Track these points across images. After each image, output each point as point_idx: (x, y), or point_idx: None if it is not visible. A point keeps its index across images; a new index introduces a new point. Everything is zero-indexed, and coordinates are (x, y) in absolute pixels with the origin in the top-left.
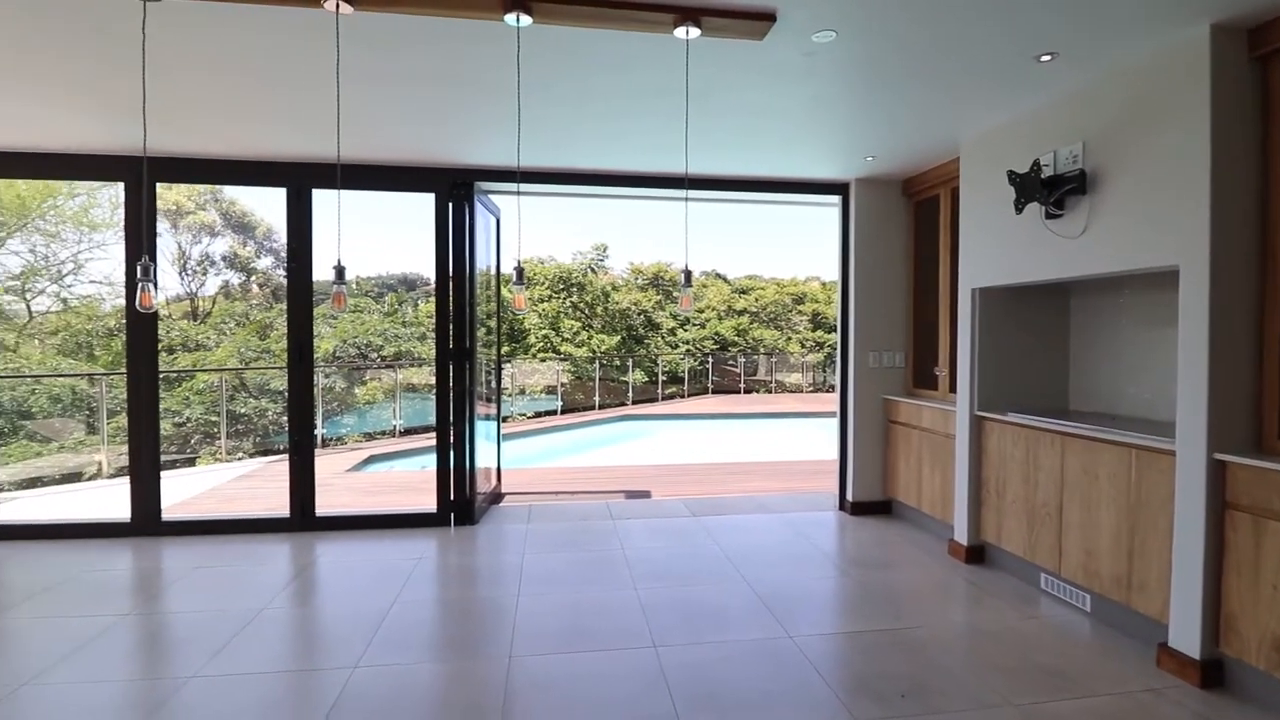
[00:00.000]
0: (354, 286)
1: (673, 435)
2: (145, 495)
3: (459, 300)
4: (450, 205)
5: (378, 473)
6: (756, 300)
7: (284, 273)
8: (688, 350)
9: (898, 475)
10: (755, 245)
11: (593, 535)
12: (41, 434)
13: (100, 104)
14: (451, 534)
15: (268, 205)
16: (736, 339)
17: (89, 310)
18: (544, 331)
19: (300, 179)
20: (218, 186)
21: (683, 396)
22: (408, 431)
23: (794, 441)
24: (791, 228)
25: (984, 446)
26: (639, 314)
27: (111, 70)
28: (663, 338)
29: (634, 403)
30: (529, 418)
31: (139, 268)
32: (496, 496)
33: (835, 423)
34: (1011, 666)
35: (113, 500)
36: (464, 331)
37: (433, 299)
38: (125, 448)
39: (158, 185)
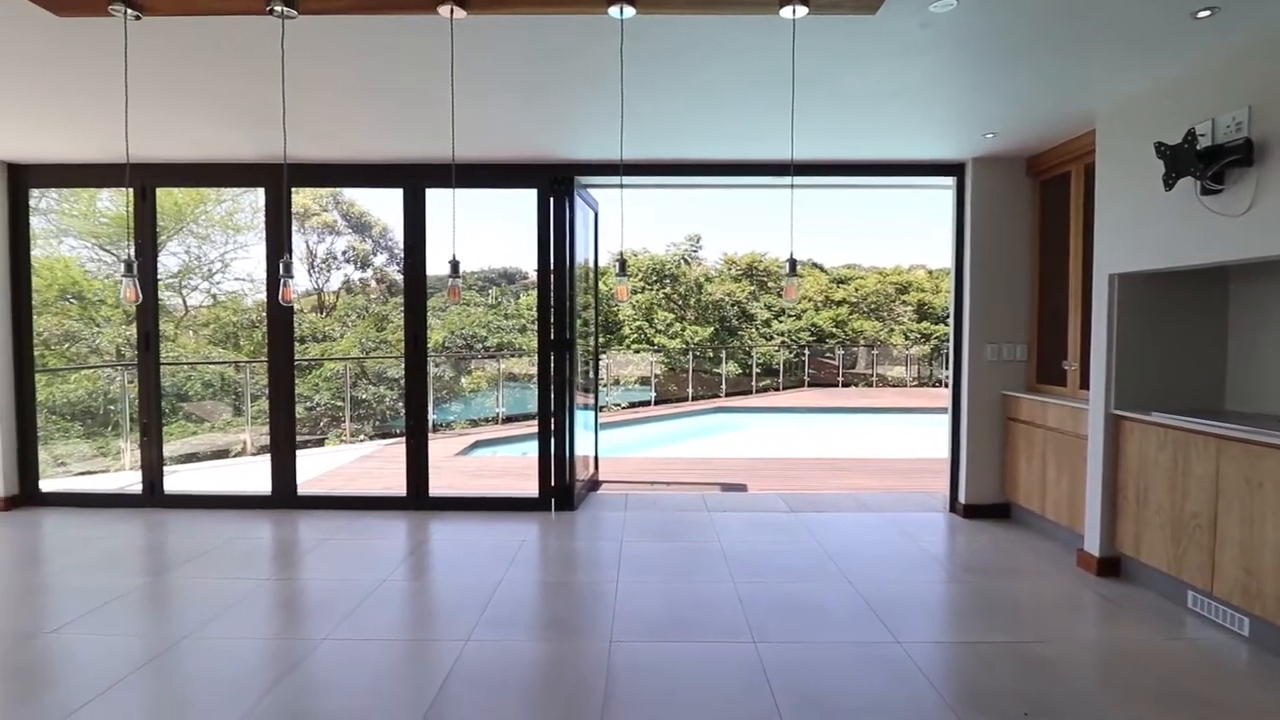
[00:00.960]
0: (449, 282)
1: (767, 428)
2: (283, 472)
3: (559, 293)
4: (551, 200)
5: (483, 457)
6: (856, 290)
7: (397, 269)
8: (783, 342)
9: (1018, 477)
10: (854, 233)
11: (689, 526)
12: (196, 415)
13: (245, 118)
14: (552, 518)
15: (382, 205)
16: (835, 330)
17: (234, 304)
18: (637, 323)
19: (415, 179)
20: (339, 189)
21: (777, 389)
22: (508, 419)
23: (896, 438)
24: (894, 214)
25: (1121, 449)
26: (732, 305)
27: (254, 87)
28: (757, 329)
29: (727, 395)
30: (623, 408)
31: (281, 265)
32: (594, 484)
33: (944, 419)
34: (1153, 691)
35: (256, 475)
36: (564, 323)
37: (531, 292)
38: (266, 428)
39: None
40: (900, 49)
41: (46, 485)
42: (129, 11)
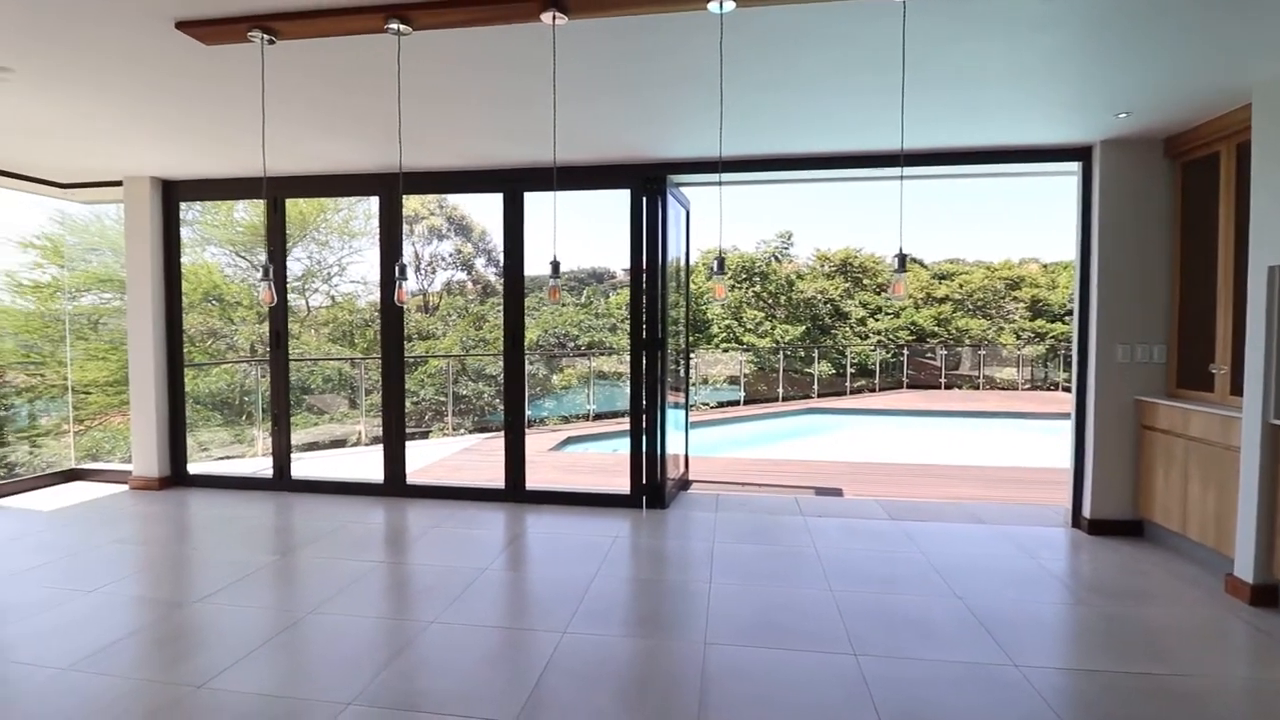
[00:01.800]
0: (549, 282)
1: (862, 431)
2: (394, 462)
3: (651, 292)
4: (644, 200)
5: (574, 453)
6: (961, 286)
7: (494, 271)
8: (879, 341)
9: (1153, 492)
10: (957, 226)
11: (783, 530)
12: (317, 407)
13: (363, 130)
14: (643, 516)
15: (481, 209)
16: (936, 329)
17: (349, 305)
18: (726, 322)
19: (515, 183)
20: (444, 195)
21: (873, 390)
22: (598, 416)
23: (1007, 445)
24: (1003, 203)
25: None
26: (825, 303)
27: (371, 100)
28: (851, 327)
29: (819, 395)
30: (711, 407)
31: (397, 268)
32: (685, 483)
33: (1064, 426)
34: None
35: (369, 464)
36: (656, 322)
37: (620, 292)
38: (378, 420)
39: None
40: (1023, 23)
41: (193, 468)
42: (264, 37)
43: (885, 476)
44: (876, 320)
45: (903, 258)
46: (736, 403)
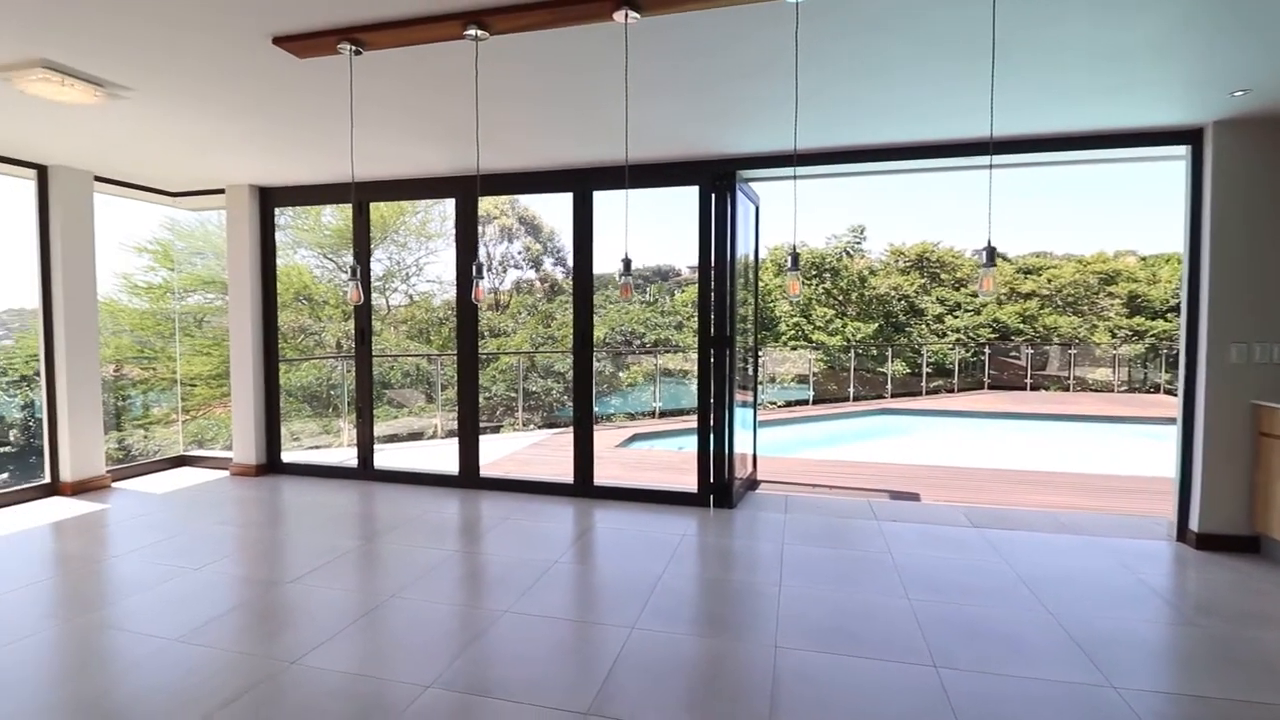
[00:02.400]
0: (617, 279)
1: (938, 433)
2: (468, 454)
3: (719, 289)
4: (712, 196)
5: (640, 450)
6: (1049, 281)
7: (561, 270)
8: (958, 339)
9: (1272, 505)
10: (1044, 216)
11: (856, 534)
12: (396, 400)
13: (441, 134)
14: (710, 515)
15: (550, 209)
16: (1021, 326)
17: (425, 303)
18: (795, 319)
19: (584, 183)
20: (515, 196)
21: (951, 391)
22: (664, 414)
23: (1101, 451)
24: (1094, 192)
25: None
26: (899, 299)
27: (450, 105)
28: (927, 325)
29: (893, 395)
30: (778, 406)
31: (474, 267)
32: (753, 483)
33: (1168, 431)
34: None
35: (444, 456)
36: (724, 320)
37: (685, 289)
38: (452, 415)
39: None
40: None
41: (286, 456)
42: (352, 48)
43: (966, 481)
44: (955, 317)
45: (991, 251)
46: (805, 402)
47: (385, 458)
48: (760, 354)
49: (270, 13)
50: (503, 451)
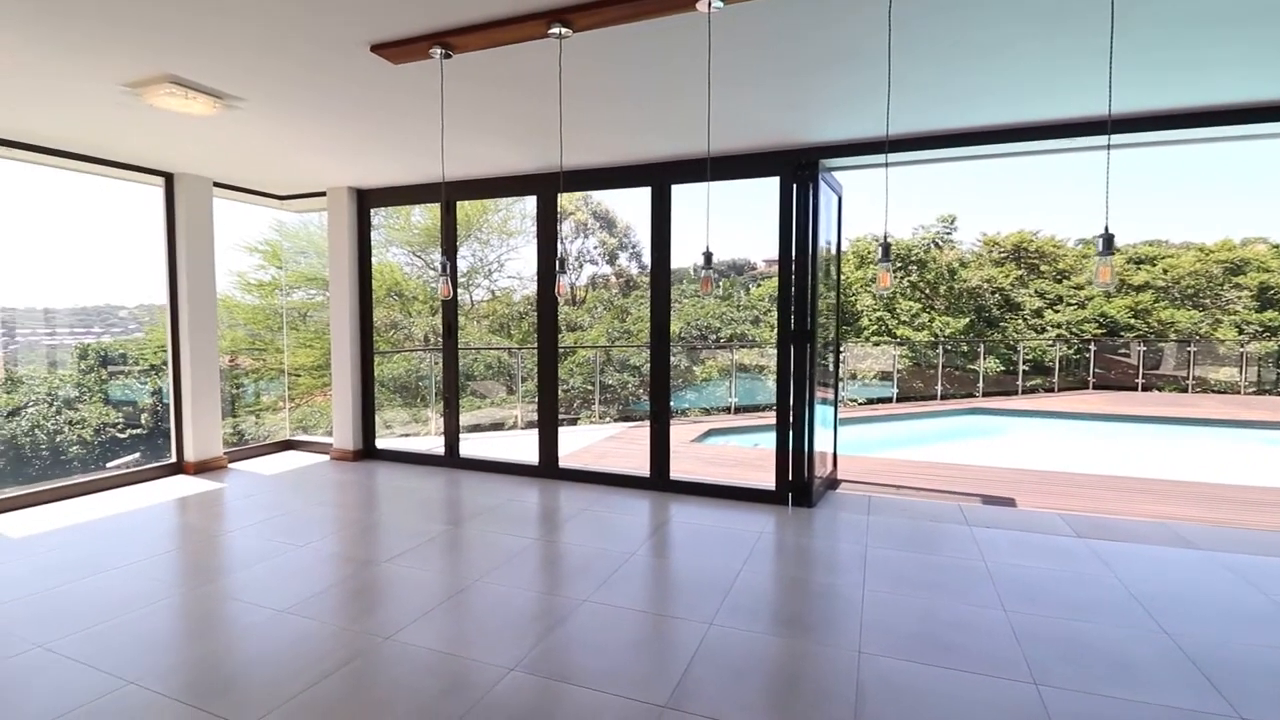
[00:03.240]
0: (692, 273)
1: (1036, 435)
2: (548, 446)
3: (800, 283)
4: (794, 187)
5: (716, 445)
6: (1165, 272)
7: (636, 265)
8: (1059, 335)
9: None
10: (1159, 202)
11: (945, 539)
12: (479, 392)
13: (525, 133)
14: (789, 513)
15: (624, 204)
16: (1133, 321)
17: (505, 299)
18: (878, 313)
19: (662, 177)
20: (590, 192)
21: (1050, 390)
22: (739, 409)
23: (1226, 459)
24: (1213, 174)
25: None
26: (993, 292)
27: (534, 104)
28: (1024, 320)
29: (984, 394)
30: (859, 404)
31: (557, 262)
32: (833, 482)
33: None
34: None
35: (524, 447)
36: (805, 314)
37: (761, 283)
38: (530, 406)
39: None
40: None
41: (379, 443)
42: (442, 52)
43: (1068, 487)
44: (1056, 311)
45: (1109, 239)
46: (888, 400)
47: (469, 446)
48: (841, 349)
49: (370, 22)
50: (579, 443)
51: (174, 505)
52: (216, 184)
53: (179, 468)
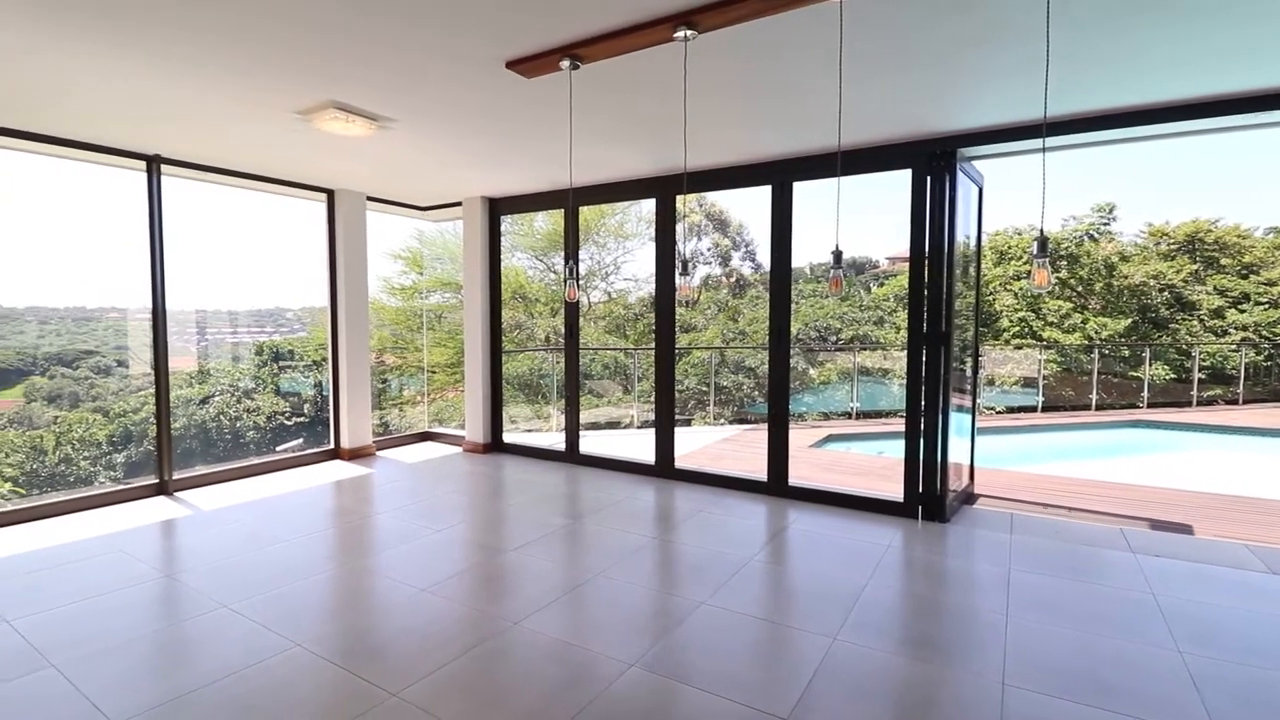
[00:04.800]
0: (808, 273)
1: (1215, 453)
2: (664, 446)
3: (934, 281)
4: (929, 179)
5: (835, 452)
6: None
7: (749, 266)
8: (1245, 338)
9: None
10: None
11: (1104, 567)
12: (596, 391)
13: (644, 136)
14: (919, 527)
15: (738, 204)
16: None
17: (622, 300)
18: (1020, 314)
19: (783, 174)
20: (704, 193)
21: (1233, 402)
22: (861, 415)
23: None
24: None
25: None
26: (1161, 290)
27: (655, 107)
28: (1200, 320)
29: (1150, 405)
30: (998, 412)
31: (679, 263)
32: (969, 496)
33: None
34: None
35: (639, 446)
36: (939, 314)
37: (885, 282)
38: (645, 406)
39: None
40: None
41: (506, 437)
42: (570, 64)
43: (1258, 514)
44: (1241, 311)
45: None
46: (1033, 409)
47: (588, 444)
48: (979, 353)
49: (503, 39)
50: (694, 444)
51: (331, 487)
52: (369, 198)
53: (336, 453)
